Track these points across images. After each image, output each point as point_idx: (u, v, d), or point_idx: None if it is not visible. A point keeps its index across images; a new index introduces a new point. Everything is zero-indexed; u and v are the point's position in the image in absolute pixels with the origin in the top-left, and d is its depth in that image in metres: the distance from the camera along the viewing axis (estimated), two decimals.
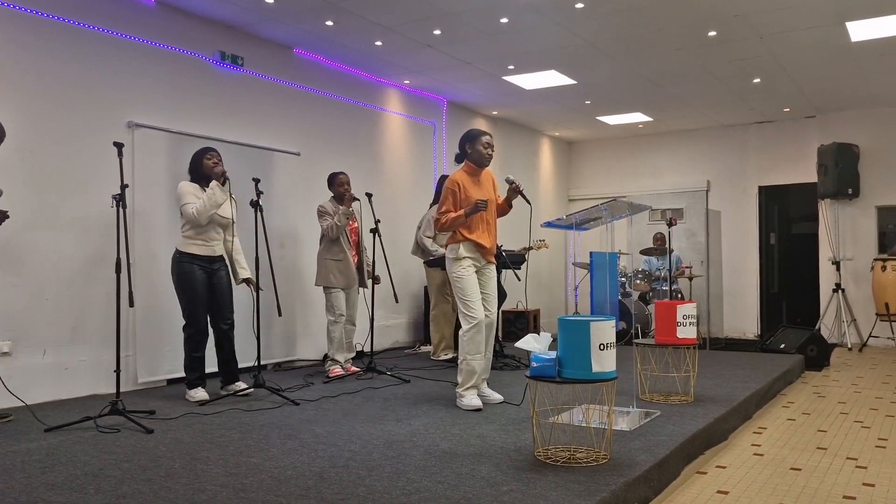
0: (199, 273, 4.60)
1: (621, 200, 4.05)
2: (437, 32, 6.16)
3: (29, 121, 4.63)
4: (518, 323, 8.87)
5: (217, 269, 4.71)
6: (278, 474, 2.97)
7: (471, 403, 4.31)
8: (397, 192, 7.85)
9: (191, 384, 4.67)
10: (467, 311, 4.32)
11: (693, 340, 4.50)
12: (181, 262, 4.58)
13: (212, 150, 4.70)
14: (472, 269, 4.38)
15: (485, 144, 4.42)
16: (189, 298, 4.59)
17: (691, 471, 3.52)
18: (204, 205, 4.48)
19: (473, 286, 4.35)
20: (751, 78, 7.58)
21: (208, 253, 4.64)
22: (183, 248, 4.59)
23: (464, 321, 4.34)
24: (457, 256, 4.37)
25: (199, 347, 4.66)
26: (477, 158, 4.43)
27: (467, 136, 4.48)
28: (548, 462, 3.12)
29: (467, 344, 4.33)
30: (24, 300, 4.55)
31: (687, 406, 4.38)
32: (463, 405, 4.34)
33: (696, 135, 10.40)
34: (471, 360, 4.33)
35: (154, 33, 5.40)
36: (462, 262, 4.37)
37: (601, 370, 3.10)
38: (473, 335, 4.31)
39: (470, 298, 4.32)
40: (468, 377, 4.36)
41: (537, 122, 9.95)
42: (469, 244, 4.39)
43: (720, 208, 10.15)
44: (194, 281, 4.57)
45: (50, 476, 2.96)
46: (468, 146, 4.44)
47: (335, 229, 5.45)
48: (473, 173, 4.46)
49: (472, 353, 4.33)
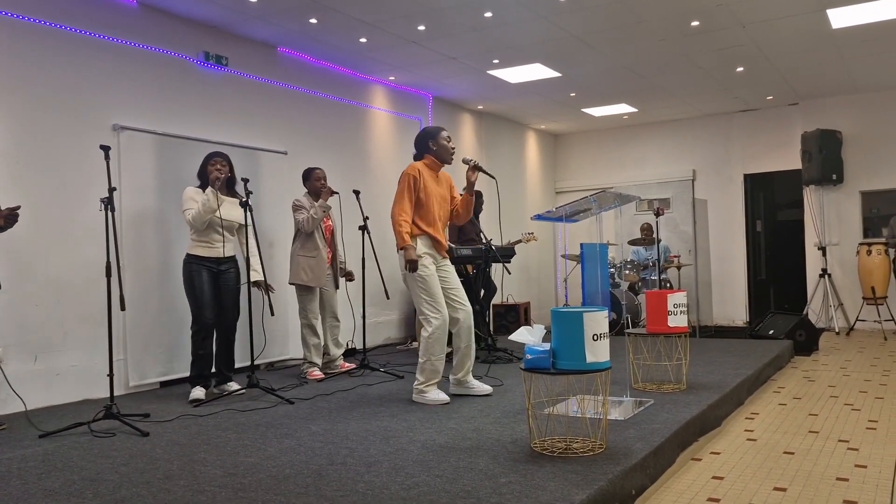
0: (206, 274, 4.68)
1: (610, 191, 4.07)
2: (422, 28, 6.15)
3: (13, 126, 4.59)
4: (509, 316, 8.90)
5: (224, 271, 4.76)
6: (277, 473, 2.97)
7: (437, 398, 4.27)
8: (385, 188, 7.84)
9: (192, 382, 4.70)
10: (431, 312, 4.21)
11: (684, 329, 4.53)
12: (189, 264, 4.69)
13: (217, 155, 4.75)
14: (433, 266, 4.29)
15: (446, 139, 4.41)
16: (195, 298, 4.67)
17: (686, 457, 3.55)
18: (198, 211, 4.56)
19: (436, 284, 4.27)
20: (734, 67, 7.63)
21: (213, 254, 4.71)
22: (190, 250, 4.70)
23: (427, 323, 4.23)
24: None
25: (203, 345, 4.70)
26: (441, 154, 4.39)
27: (427, 133, 4.41)
28: (544, 453, 3.14)
29: (433, 345, 4.23)
30: (13, 306, 4.51)
31: (680, 394, 4.42)
32: (427, 400, 4.28)
33: (681, 124, 10.46)
34: (436, 360, 4.27)
35: (137, 35, 5.36)
36: (423, 260, 4.25)
37: (595, 360, 3.12)
38: (438, 336, 4.23)
39: (434, 298, 4.23)
40: (432, 375, 4.30)
41: (523, 116, 9.97)
42: (426, 238, 4.30)
43: (706, 197, 10.22)
44: (200, 281, 4.66)
45: (47, 482, 2.95)
46: (431, 142, 4.38)
47: (311, 222, 5.38)
48: (434, 168, 4.42)
49: (437, 353, 4.26)
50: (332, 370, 5.70)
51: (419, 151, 4.46)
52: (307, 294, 5.50)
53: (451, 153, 4.42)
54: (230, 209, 4.75)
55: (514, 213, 10.09)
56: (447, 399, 4.30)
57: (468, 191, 4.44)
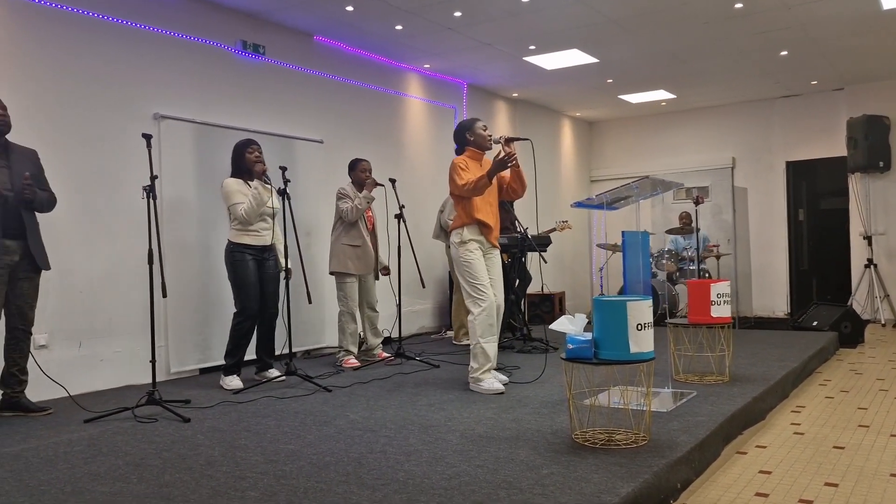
0: (251, 262, 4.70)
1: (652, 178, 3.98)
2: (458, 14, 6.09)
3: (56, 115, 4.65)
4: (543, 306, 8.83)
5: (266, 259, 4.79)
6: (317, 460, 2.97)
7: (492, 387, 4.28)
8: (419, 177, 7.82)
9: (227, 370, 4.72)
10: (477, 295, 4.31)
11: (728, 319, 4.43)
12: (234, 252, 4.69)
13: (253, 143, 4.75)
14: (478, 251, 4.38)
15: (482, 128, 4.52)
16: (241, 287, 4.68)
17: (731, 451, 3.48)
18: (251, 205, 4.58)
19: (482, 268, 4.35)
20: (778, 50, 7.42)
21: (259, 243, 4.72)
22: (235, 238, 4.69)
23: (473, 305, 4.31)
24: (462, 240, 4.37)
25: (247, 335, 4.73)
26: (479, 143, 4.50)
27: (462, 126, 4.54)
28: (586, 445, 3.09)
29: (479, 327, 4.30)
30: (58, 293, 4.59)
31: (723, 386, 4.33)
32: (482, 389, 4.29)
33: (721, 111, 10.23)
34: (484, 343, 4.30)
35: (177, 24, 5.39)
36: (468, 245, 4.36)
37: (639, 351, 3.06)
38: (485, 318, 4.29)
39: (480, 281, 4.32)
40: (484, 360, 4.33)
41: (558, 103, 9.85)
42: (473, 227, 4.39)
43: (746, 185, 10.01)
44: (247, 270, 4.67)
45: (92, 466, 2.99)
46: (468, 134, 4.51)
47: (355, 212, 5.39)
48: (477, 158, 4.52)
49: (485, 335, 4.30)
50: (370, 359, 5.71)
51: (459, 145, 4.57)
52: (348, 282, 5.51)
53: (488, 140, 4.52)
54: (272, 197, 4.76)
55: (549, 202, 9.99)
56: (502, 389, 4.30)
57: (513, 165, 4.45)
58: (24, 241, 3.96)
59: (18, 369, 4.03)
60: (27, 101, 4.50)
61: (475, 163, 4.49)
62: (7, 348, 4.00)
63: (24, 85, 4.49)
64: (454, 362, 5.57)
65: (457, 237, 4.41)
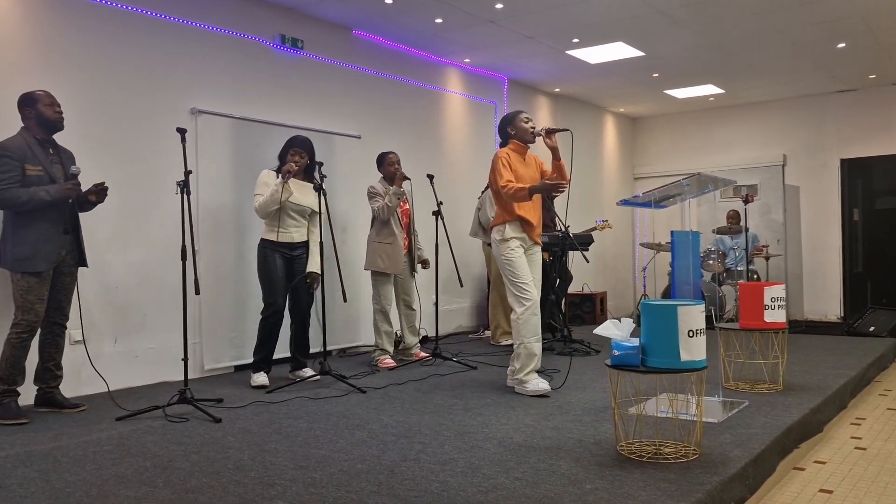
0: (279, 259, 4.63)
1: (704, 175, 3.77)
2: (500, 6, 5.92)
3: (95, 110, 4.63)
4: (584, 306, 8.61)
5: (298, 256, 4.71)
6: (348, 468, 2.85)
7: (537, 388, 4.16)
8: (458, 173, 7.67)
9: (255, 367, 4.66)
10: (520, 294, 4.18)
11: (782, 325, 4.19)
12: (263, 248, 4.66)
13: (298, 145, 4.66)
14: (520, 249, 4.25)
15: (524, 120, 4.39)
16: (268, 283, 4.63)
17: (787, 466, 3.26)
18: (265, 201, 4.53)
19: (524, 266, 4.22)
20: (835, 42, 7.08)
21: (287, 240, 4.65)
22: (265, 235, 4.67)
23: (517, 304, 4.19)
24: (503, 237, 4.25)
25: (272, 332, 4.66)
26: (522, 135, 4.38)
27: (505, 119, 4.45)
28: (632, 457, 2.91)
29: (523, 326, 4.17)
30: (94, 289, 4.57)
31: (776, 395, 4.09)
32: (527, 391, 4.17)
33: (771, 106, 9.86)
34: (528, 343, 4.18)
35: (216, 19, 5.33)
36: (509, 244, 4.23)
37: (690, 359, 2.87)
38: (529, 317, 4.17)
39: (522, 279, 4.19)
40: (528, 360, 4.20)
41: (601, 99, 9.60)
42: (515, 224, 4.25)
43: (798, 183, 9.62)
44: (273, 267, 4.61)
45: (120, 468, 2.92)
46: (509, 127, 4.39)
47: (386, 210, 5.28)
48: (520, 151, 4.39)
49: (528, 335, 4.18)
50: (407, 358, 5.59)
51: (503, 139, 4.47)
52: (382, 280, 5.40)
53: (531, 133, 4.37)
54: (306, 194, 4.68)
55: (591, 200, 9.75)
56: (548, 388, 4.18)
57: (556, 157, 4.34)
58: (76, 236, 3.97)
59: (54, 364, 4.00)
60: (65, 98, 4.47)
61: (518, 156, 4.35)
62: (43, 343, 3.98)
63: (62, 82, 4.47)
64: (492, 364, 5.42)
65: (498, 234, 4.28)
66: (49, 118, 3.87)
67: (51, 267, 3.83)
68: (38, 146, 3.84)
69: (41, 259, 3.77)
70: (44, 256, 3.78)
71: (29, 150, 3.78)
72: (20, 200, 3.69)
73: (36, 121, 3.86)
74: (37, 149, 3.82)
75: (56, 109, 3.90)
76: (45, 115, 3.86)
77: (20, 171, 3.72)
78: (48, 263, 3.80)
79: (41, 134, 3.88)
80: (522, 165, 4.33)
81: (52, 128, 3.91)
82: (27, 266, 3.74)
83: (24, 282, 3.75)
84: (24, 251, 3.73)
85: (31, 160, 3.77)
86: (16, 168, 3.71)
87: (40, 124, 3.87)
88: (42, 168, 3.80)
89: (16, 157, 3.73)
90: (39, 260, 3.76)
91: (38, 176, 3.78)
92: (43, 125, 3.87)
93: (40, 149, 3.84)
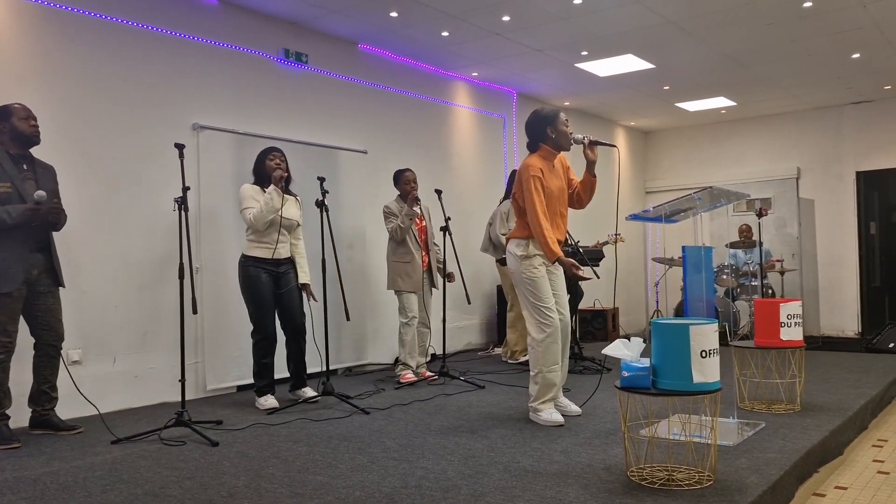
0: (265, 277, 4.46)
1: (716, 188, 3.64)
2: (507, 19, 5.84)
3: (94, 126, 4.57)
4: (595, 322, 8.45)
5: (284, 273, 4.56)
6: (346, 495, 2.73)
7: (550, 419, 3.84)
8: (467, 188, 7.58)
9: (260, 391, 4.53)
10: (542, 318, 3.82)
11: (800, 343, 4.04)
12: (247, 267, 4.47)
13: (275, 150, 4.54)
14: (543, 268, 3.88)
15: (565, 123, 3.96)
16: (255, 303, 4.46)
17: (807, 492, 3.11)
18: (261, 210, 4.35)
19: (547, 289, 3.86)
20: (849, 53, 6.95)
21: (273, 256, 4.48)
22: (248, 251, 4.48)
23: (536, 330, 3.83)
24: (526, 254, 3.86)
25: (268, 354, 4.52)
26: (561, 142, 3.92)
27: (543, 118, 3.93)
28: (643, 484, 2.77)
29: (542, 355, 3.82)
30: (93, 307, 4.49)
31: (794, 416, 3.93)
32: (541, 420, 3.88)
33: (785, 119, 9.71)
34: (547, 372, 3.85)
35: (218, 33, 5.29)
36: (532, 261, 3.85)
37: (703, 380, 2.74)
38: (549, 345, 3.82)
39: (545, 303, 3.83)
40: (545, 390, 3.88)
41: (611, 112, 9.50)
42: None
43: (813, 196, 9.45)
44: (260, 285, 4.44)
45: (110, 495, 2.82)
46: (549, 129, 3.90)
47: (399, 231, 5.22)
48: (549, 158, 3.97)
49: (548, 364, 3.84)
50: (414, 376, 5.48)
51: (534, 140, 3.97)
52: (405, 294, 5.32)
53: (570, 140, 3.93)
54: (289, 208, 4.54)
55: (601, 214, 9.62)
56: (561, 421, 3.84)
57: (590, 171, 3.99)
58: (48, 256, 3.86)
59: (49, 386, 3.91)
60: (65, 113, 4.43)
61: (547, 165, 3.92)
62: (37, 365, 3.89)
63: (61, 95, 4.43)
64: (500, 383, 5.29)
65: (520, 249, 3.88)
66: (23, 132, 3.75)
67: (21, 287, 3.70)
68: (10, 161, 3.72)
69: (8, 279, 3.63)
70: (11, 276, 3.64)
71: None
72: None
73: (10, 135, 3.74)
74: (8, 164, 3.70)
75: (31, 123, 3.79)
76: (18, 129, 3.74)
77: None
78: (17, 283, 3.66)
79: (15, 149, 3.77)
80: (551, 175, 3.92)
81: (28, 142, 3.79)
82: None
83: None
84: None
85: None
86: None
87: (14, 139, 3.75)
88: (11, 185, 3.67)
89: None
90: (7, 280, 3.63)
91: (6, 193, 3.65)
92: (17, 139, 3.76)
93: (11, 164, 3.72)
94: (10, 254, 3.66)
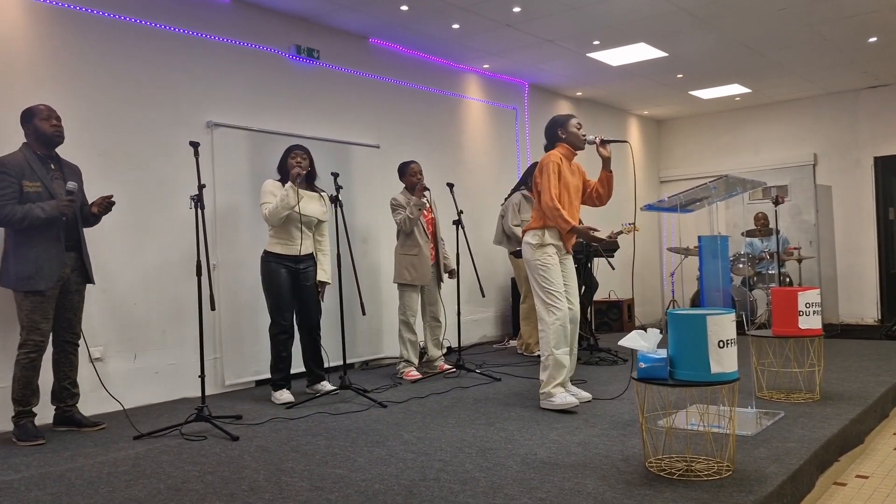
0: (284, 273, 4.52)
1: (732, 177, 3.62)
2: (517, 10, 5.82)
3: (111, 125, 4.61)
4: (611, 313, 8.43)
5: (304, 269, 4.60)
6: (365, 488, 2.76)
7: (564, 401, 3.95)
8: (480, 180, 7.57)
9: (276, 385, 4.57)
10: (551, 303, 4.01)
11: (818, 331, 4.02)
12: (267, 262, 4.54)
13: (298, 148, 4.60)
14: (556, 256, 4.09)
15: (577, 125, 4.22)
16: (273, 298, 4.52)
17: (827, 481, 3.09)
18: (276, 206, 4.40)
19: (558, 275, 4.07)
20: (865, 37, 6.86)
21: (292, 252, 4.53)
22: (269, 247, 4.56)
23: (547, 313, 4.02)
24: (541, 243, 4.08)
25: (285, 348, 4.56)
26: (573, 141, 4.21)
27: (555, 122, 4.25)
28: (662, 475, 2.77)
29: (553, 337, 3.99)
30: (113, 305, 4.54)
31: (813, 405, 3.91)
32: (554, 405, 3.98)
33: (801, 105, 9.61)
34: (557, 353, 3.99)
35: (230, 31, 5.31)
36: (546, 250, 4.08)
37: (721, 371, 2.73)
38: (558, 328, 3.99)
39: (555, 289, 4.02)
40: (556, 372, 4.01)
41: (624, 101, 9.44)
42: (554, 231, 4.09)
43: (830, 183, 9.36)
44: (279, 280, 4.50)
45: (133, 490, 2.86)
46: (560, 131, 4.21)
47: (408, 222, 5.21)
48: (569, 156, 4.22)
49: (558, 346, 3.99)
50: (431, 371, 5.49)
51: (550, 142, 4.28)
52: (408, 291, 5.32)
53: (582, 140, 4.21)
54: (310, 204, 4.59)
55: (615, 204, 9.57)
56: (576, 402, 3.99)
57: (606, 168, 4.19)
58: (80, 254, 3.93)
59: (70, 382, 3.97)
60: (80, 112, 4.47)
61: (567, 162, 4.18)
62: (57, 362, 3.94)
63: (77, 95, 4.47)
64: (516, 375, 5.29)
65: (535, 238, 4.09)
66: (45, 132, 3.80)
67: (55, 285, 3.77)
68: (38, 162, 3.78)
69: (44, 278, 3.70)
70: (47, 275, 3.71)
71: (28, 166, 3.73)
72: (15, 217, 3.63)
73: (34, 136, 3.80)
74: (36, 164, 3.76)
75: (53, 123, 3.83)
76: (41, 130, 3.79)
77: (17, 187, 3.68)
78: (51, 282, 3.73)
79: (41, 149, 3.83)
80: (569, 172, 4.17)
81: (50, 142, 3.84)
82: (30, 285, 3.68)
83: (28, 301, 3.70)
84: (26, 270, 3.68)
85: (29, 176, 3.72)
86: (13, 185, 3.67)
87: (38, 139, 3.81)
88: (41, 184, 3.74)
89: (13, 174, 3.68)
90: (42, 278, 3.70)
91: (36, 192, 3.72)
92: (40, 140, 3.81)
93: (40, 164, 3.78)
94: (45, 252, 3.73)
